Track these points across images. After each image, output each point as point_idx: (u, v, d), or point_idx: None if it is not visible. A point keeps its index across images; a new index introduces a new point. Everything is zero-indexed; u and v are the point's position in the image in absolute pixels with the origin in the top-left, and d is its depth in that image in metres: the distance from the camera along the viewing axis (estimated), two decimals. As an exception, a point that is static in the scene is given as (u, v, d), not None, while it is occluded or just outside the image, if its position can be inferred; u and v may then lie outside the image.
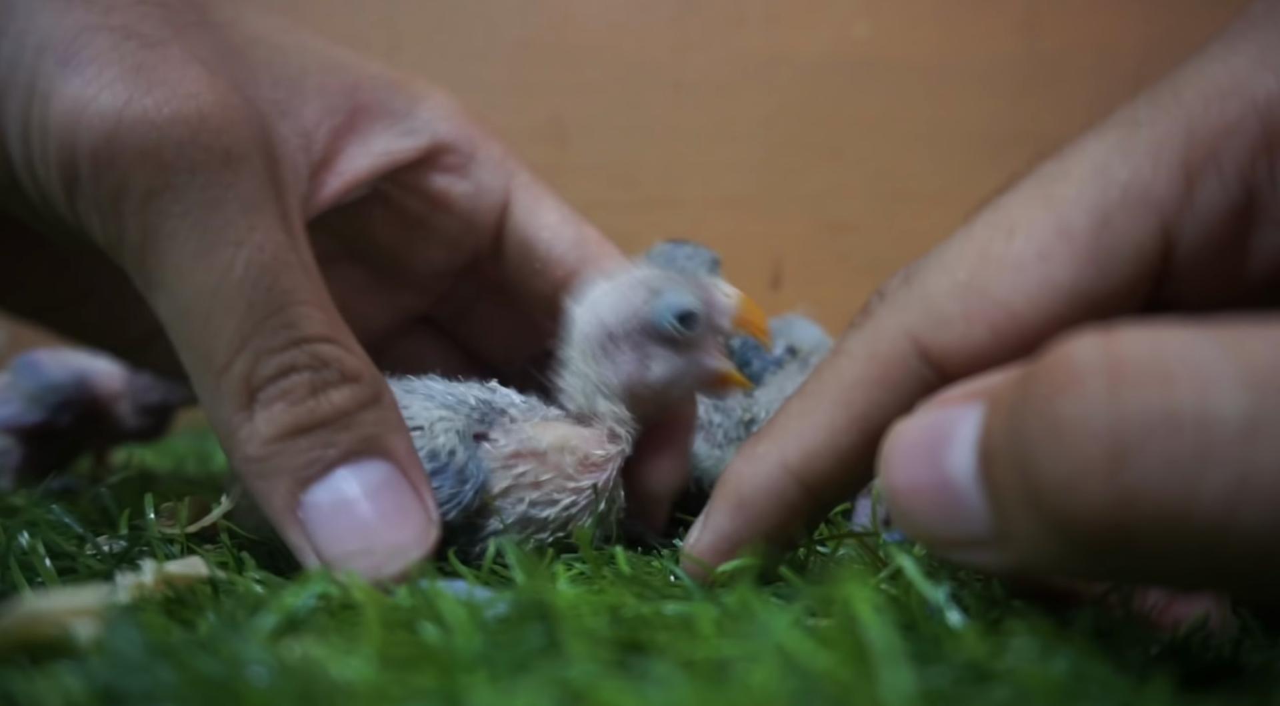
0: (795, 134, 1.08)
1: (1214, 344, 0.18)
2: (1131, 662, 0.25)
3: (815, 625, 0.24)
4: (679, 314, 0.36)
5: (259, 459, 0.31)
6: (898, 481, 0.23)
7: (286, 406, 0.31)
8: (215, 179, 0.31)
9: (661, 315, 0.36)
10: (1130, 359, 0.19)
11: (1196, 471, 0.18)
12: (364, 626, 0.24)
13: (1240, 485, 0.18)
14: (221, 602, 0.28)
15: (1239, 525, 0.18)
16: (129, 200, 0.30)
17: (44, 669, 0.21)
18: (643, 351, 0.37)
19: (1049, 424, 0.19)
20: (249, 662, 0.21)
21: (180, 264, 0.30)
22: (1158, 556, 0.19)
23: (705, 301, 0.37)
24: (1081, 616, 0.26)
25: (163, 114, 0.30)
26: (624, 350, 0.37)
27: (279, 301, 0.31)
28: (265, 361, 0.31)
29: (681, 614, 0.25)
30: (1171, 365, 0.18)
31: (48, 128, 0.30)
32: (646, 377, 0.37)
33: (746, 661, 0.20)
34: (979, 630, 0.25)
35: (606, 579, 0.30)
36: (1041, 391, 0.20)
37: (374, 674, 0.21)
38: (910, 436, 0.23)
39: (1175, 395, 0.18)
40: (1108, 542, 0.19)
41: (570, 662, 0.21)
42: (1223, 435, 0.18)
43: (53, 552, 0.32)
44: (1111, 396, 0.19)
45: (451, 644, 0.22)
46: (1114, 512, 0.19)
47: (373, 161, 0.38)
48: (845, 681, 0.19)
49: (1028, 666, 0.21)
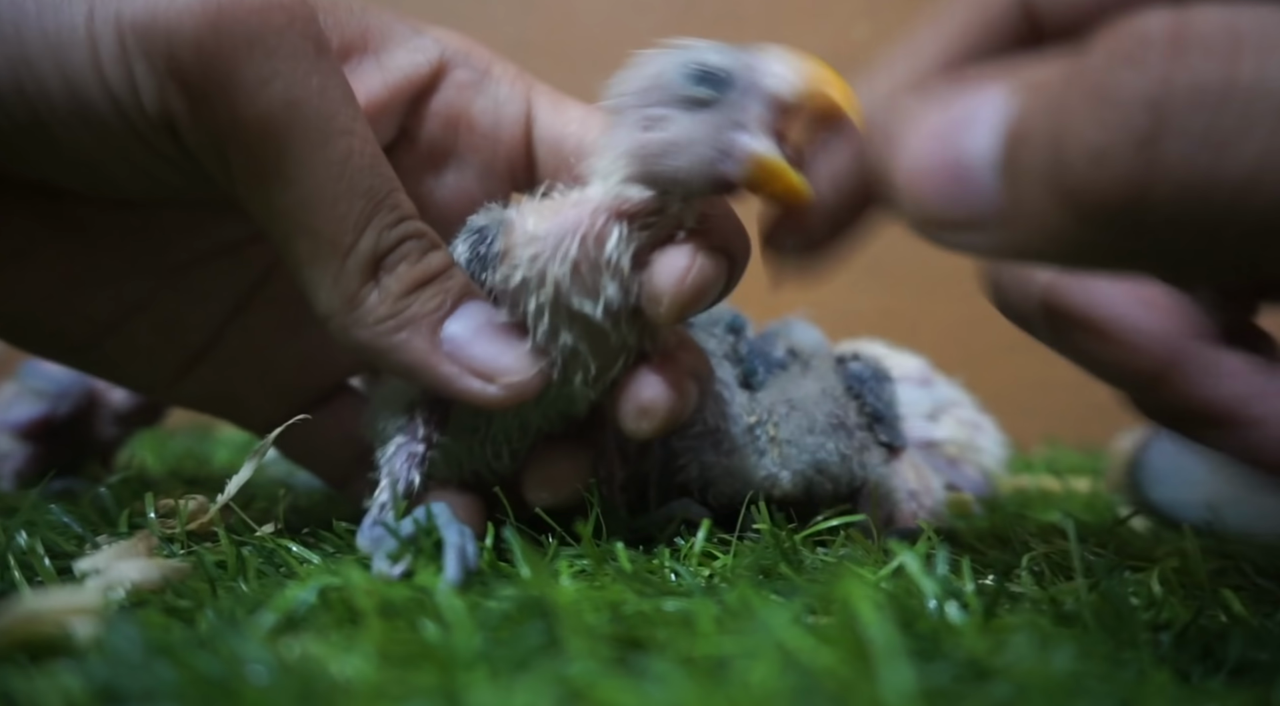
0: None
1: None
2: (1131, 659, 0.25)
3: (815, 622, 0.24)
4: (699, 68, 0.31)
5: (393, 314, 0.34)
6: (905, 161, 0.23)
7: (408, 266, 0.34)
8: (317, 66, 0.32)
9: (676, 68, 0.31)
10: (1199, 31, 0.19)
11: (1232, 142, 0.18)
12: (363, 624, 0.24)
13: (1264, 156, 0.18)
14: (220, 601, 0.28)
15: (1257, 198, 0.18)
16: (241, 89, 0.31)
17: (43, 667, 0.21)
18: (656, 112, 0.32)
19: (1096, 93, 0.19)
20: (248, 661, 0.21)
21: (303, 153, 0.31)
22: (1166, 234, 0.19)
23: (744, 64, 0.31)
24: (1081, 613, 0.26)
25: (260, 1, 0.31)
26: (637, 112, 0.32)
27: (387, 186, 0.33)
28: (386, 235, 0.33)
29: (681, 611, 0.25)
30: (1242, 37, 0.18)
31: (137, 20, 0.30)
32: (652, 141, 0.32)
33: (746, 658, 0.20)
34: (979, 627, 0.25)
35: (608, 575, 0.30)
36: (1096, 63, 0.19)
37: (373, 672, 0.21)
38: (927, 118, 0.23)
39: (1237, 65, 0.18)
40: (1120, 220, 0.19)
41: (570, 660, 0.21)
42: (1266, 106, 0.18)
43: (52, 552, 0.32)
44: (1170, 65, 0.19)
45: (451, 641, 0.22)
46: (1137, 185, 0.19)
47: (387, 79, 0.38)
48: (845, 678, 0.19)
49: (1027, 663, 0.21)
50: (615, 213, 0.33)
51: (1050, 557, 0.36)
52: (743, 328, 0.45)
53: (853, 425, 0.42)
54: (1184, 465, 0.52)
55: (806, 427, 0.41)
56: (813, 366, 0.44)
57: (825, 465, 0.41)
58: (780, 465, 0.40)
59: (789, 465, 0.40)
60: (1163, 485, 0.52)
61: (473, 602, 0.26)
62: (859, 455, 0.42)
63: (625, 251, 0.33)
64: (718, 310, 0.45)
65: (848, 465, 0.41)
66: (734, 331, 0.44)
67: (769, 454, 0.40)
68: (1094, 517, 0.52)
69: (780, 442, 0.41)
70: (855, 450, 0.42)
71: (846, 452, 0.41)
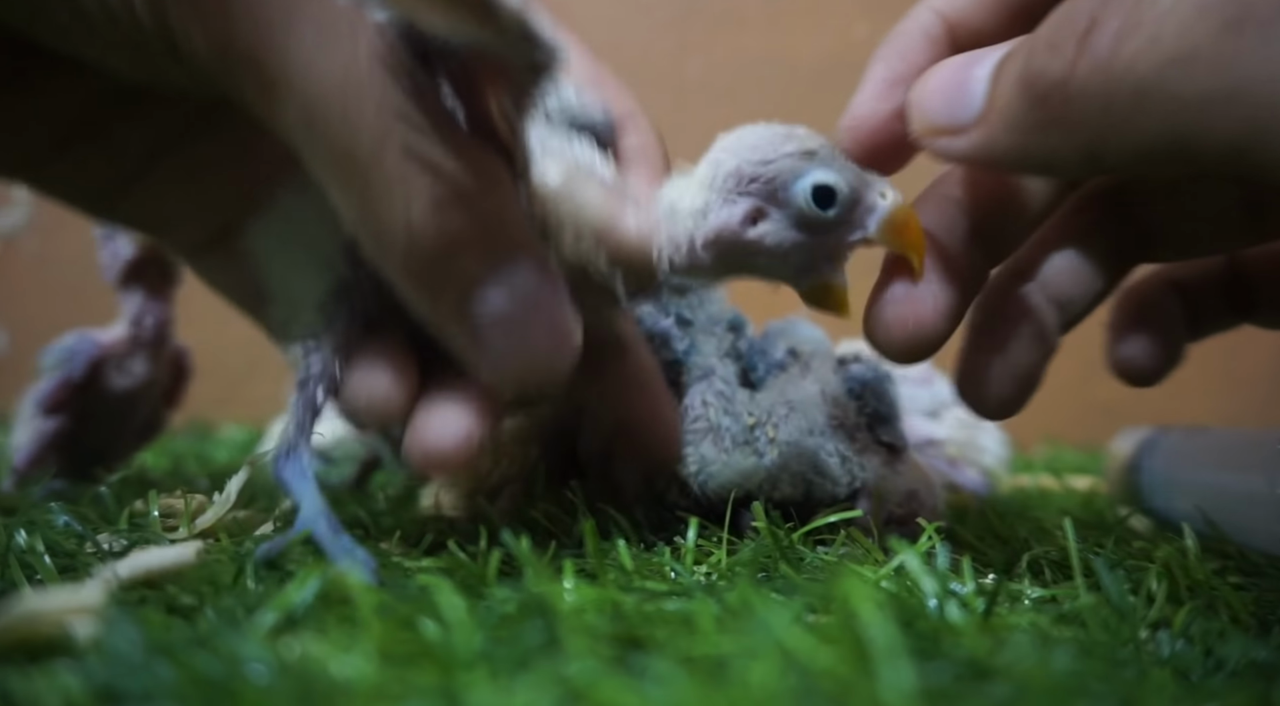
0: (795, 135, 1.08)
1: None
2: (1131, 659, 0.25)
3: (815, 622, 0.24)
4: (818, 185, 0.31)
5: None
6: (930, 81, 0.31)
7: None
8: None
9: (798, 178, 0.31)
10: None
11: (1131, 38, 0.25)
12: (363, 624, 0.24)
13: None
14: (220, 600, 0.28)
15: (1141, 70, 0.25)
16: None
17: (42, 667, 0.21)
18: (760, 205, 0.32)
19: (1051, 24, 0.27)
20: (248, 660, 0.21)
21: (303, 58, 0.29)
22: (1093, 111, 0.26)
23: (856, 189, 0.31)
24: (1081, 613, 0.26)
25: None
26: (744, 194, 0.32)
27: (403, 94, 0.30)
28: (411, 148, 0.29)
29: (681, 611, 0.25)
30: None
31: None
32: (746, 234, 0.31)
33: (746, 658, 0.20)
34: (979, 626, 0.25)
35: (610, 576, 0.30)
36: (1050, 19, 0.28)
37: (373, 671, 0.21)
38: (946, 64, 0.30)
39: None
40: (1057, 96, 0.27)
41: (570, 660, 0.21)
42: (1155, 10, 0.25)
43: (52, 551, 0.32)
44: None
45: (451, 641, 0.22)
46: (1074, 64, 0.26)
47: None
48: (845, 678, 0.19)
49: (1027, 663, 0.21)
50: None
51: (1050, 557, 0.36)
52: (743, 326, 0.45)
53: (852, 426, 0.42)
54: (1181, 468, 0.52)
55: (806, 429, 0.41)
56: (812, 367, 0.44)
57: (824, 466, 0.41)
58: (780, 467, 0.40)
59: (788, 467, 0.40)
60: (1160, 490, 0.52)
61: (473, 602, 0.26)
62: (858, 456, 0.42)
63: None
64: (719, 310, 0.45)
65: (848, 466, 0.41)
66: (734, 329, 0.45)
67: (768, 455, 0.40)
68: (1094, 517, 0.52)
69: (780, 444, 0.41)
70: (855, 451, 0.42)
71: (846, 454, 0.41)
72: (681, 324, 0.43)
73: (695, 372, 0.42)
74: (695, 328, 0.44)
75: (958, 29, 0.34)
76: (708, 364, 0.42)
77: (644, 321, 0.43)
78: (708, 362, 0.42)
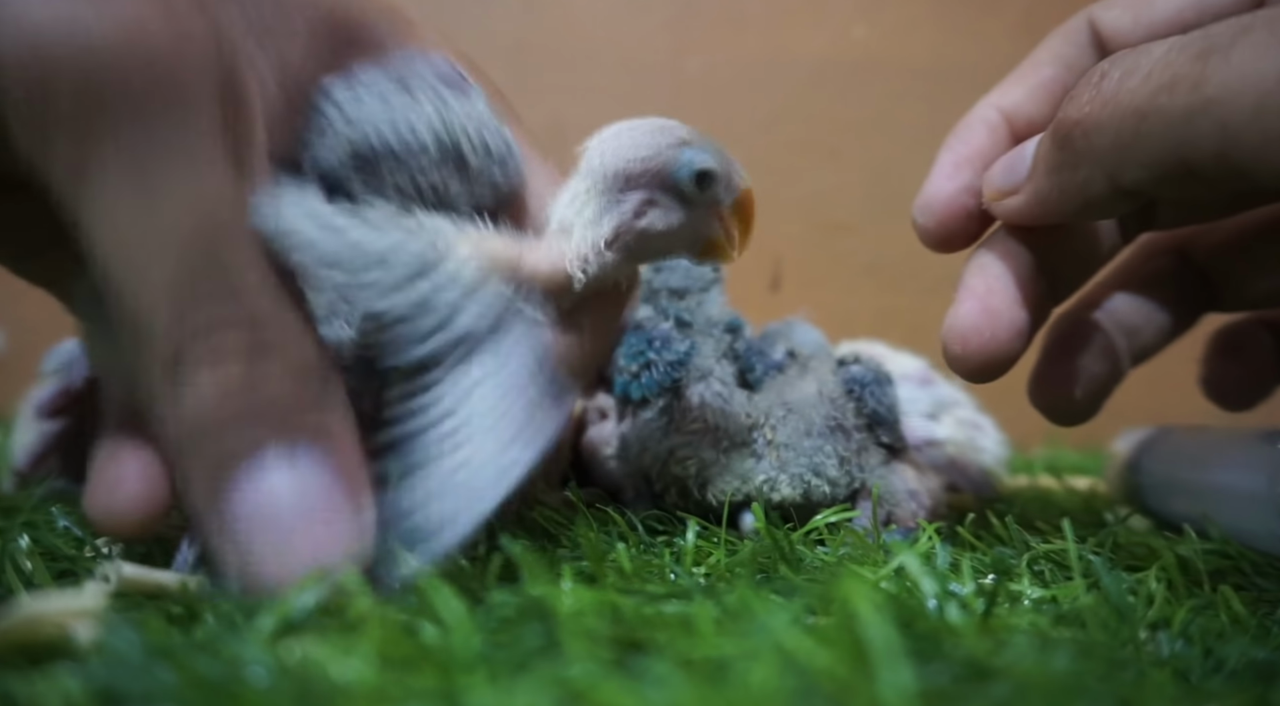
0: (794, 135, 1.08)
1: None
2: (1131, 659, 0.25)
3: (815, 623, 0.24)
4: (700, 170, 0.34)
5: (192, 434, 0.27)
6: (997, 162, 0.37)
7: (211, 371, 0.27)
8: (158, 110, 0.27)
9: (684, 166, 0.34)
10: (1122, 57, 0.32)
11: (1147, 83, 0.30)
12: (363, 627, 0.24)
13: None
14: (220, 604, 0.28)
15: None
16: (56, 113, 0.26)
17: (43, 670, 0.21)
18: (649, 196, 0.34)
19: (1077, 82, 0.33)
20: (248, 663, 0.21)
21: (112, 200, 0.27)
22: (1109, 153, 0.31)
23: (725, 168, 0.35)
24: (1081, 613, 0.26)
25: (101, 24, 0.26)
26: (631, 190, 0.34)
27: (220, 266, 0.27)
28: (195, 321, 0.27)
29: (681, 612, 0.25)
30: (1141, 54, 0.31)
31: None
32: (640, 224, 0.34)
33: (746, 660, 0.20)
34: (979, 627, 0.25)
35: (609, 578, 0.30)
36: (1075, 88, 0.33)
37: (373, 674, 0.21)
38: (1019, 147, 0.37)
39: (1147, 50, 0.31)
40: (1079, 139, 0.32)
41: (569, 662, 0.21)
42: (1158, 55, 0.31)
43: (51, 554, 0.32)
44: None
45: (450, 644, 0.22)
46: (1088, 108, 0.32)
47: None
48: (844, 679, 0.19)
49: (1027, 663, 0.21)
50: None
51: (1050, 557, 0.36)
52: (740, 327, 0.45)
53: (851, 427, 0.42)
54: (1181, 468, 0.52)
55: (804, 431, 0.41)
56: (810, 368, 0.44)
57: (823, 468, 0.41)
58: (778, 469, 0.40)
59: (787, 469, 0.40)
60: (1160, 490, 0.52)
61: (472, 605, 0.26)
62: (857, 457, 0.42)
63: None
64: (716, 312, 0.45)
65: (846, 468, 0.41)
66: (732, 331, 0.45)
67: (767, 457, 0.40)
68: (1094, 517, 0.52)
69: (778, 446, 0.41)
70: (853, 452, 0.42)
71: (844, 455, 0.41)
72: (680, 326, 0.43)
73: (693, 374, 0.42)
74: (694, 329, 0.44)
75: (1014, 118, 0.40)
76: (706, 365, 0.42)
77: (644, 324, 0.43)
78: (706, 364, 0.42)
